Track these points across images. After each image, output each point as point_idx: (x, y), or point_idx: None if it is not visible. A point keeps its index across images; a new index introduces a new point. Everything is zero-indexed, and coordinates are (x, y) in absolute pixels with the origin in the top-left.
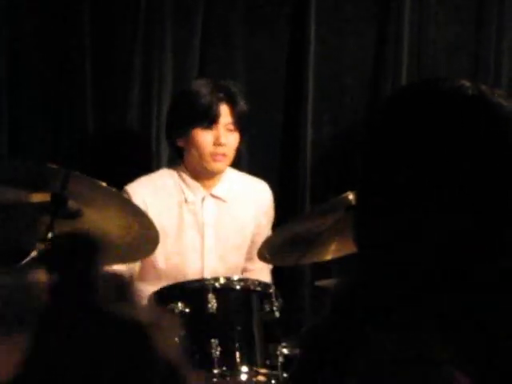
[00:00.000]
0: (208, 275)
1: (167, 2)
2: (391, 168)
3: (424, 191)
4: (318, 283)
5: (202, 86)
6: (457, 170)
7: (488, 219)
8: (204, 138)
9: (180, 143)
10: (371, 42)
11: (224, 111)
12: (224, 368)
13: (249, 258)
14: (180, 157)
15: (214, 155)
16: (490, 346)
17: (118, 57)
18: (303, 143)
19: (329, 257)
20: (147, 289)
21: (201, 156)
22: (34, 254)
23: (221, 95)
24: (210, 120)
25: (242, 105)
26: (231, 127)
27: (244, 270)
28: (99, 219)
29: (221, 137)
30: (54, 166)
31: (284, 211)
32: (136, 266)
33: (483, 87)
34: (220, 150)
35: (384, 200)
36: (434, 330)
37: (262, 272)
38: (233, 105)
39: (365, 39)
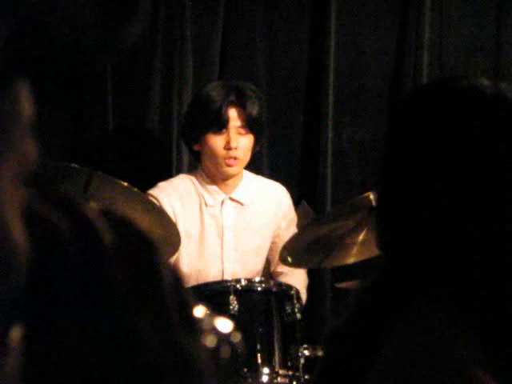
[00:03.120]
0: (228, 278)
1: None
2: (410, 166)
3: (443, 188)
4: (339, 285)
5: (213, 90)
6: (475, 167)
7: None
8: (216, 142)
9: (196, 147)
10: (392, 44)
11: (234, 115)
12: (245, 369)
13: (275, 261)
14: (198, 160)
15: (226, 159)
16: None
17: (139, 56)
18: (324, 145)
19: (351, 260)
20: None
21: (214, 161)
22: None
23: (231, 98)
24: (220, 125)
25: (253, 107)
26: (242, 131)
27: (274, 274)
28: None
29: (231, 141)
30: (77, 166)
31: None
32: None
33: (502, 85)
34: (232, 153)
35: (405, 198)
36: (457, 325)
37: (294, 272)
38: (243, 108)
39: (385, 40)
